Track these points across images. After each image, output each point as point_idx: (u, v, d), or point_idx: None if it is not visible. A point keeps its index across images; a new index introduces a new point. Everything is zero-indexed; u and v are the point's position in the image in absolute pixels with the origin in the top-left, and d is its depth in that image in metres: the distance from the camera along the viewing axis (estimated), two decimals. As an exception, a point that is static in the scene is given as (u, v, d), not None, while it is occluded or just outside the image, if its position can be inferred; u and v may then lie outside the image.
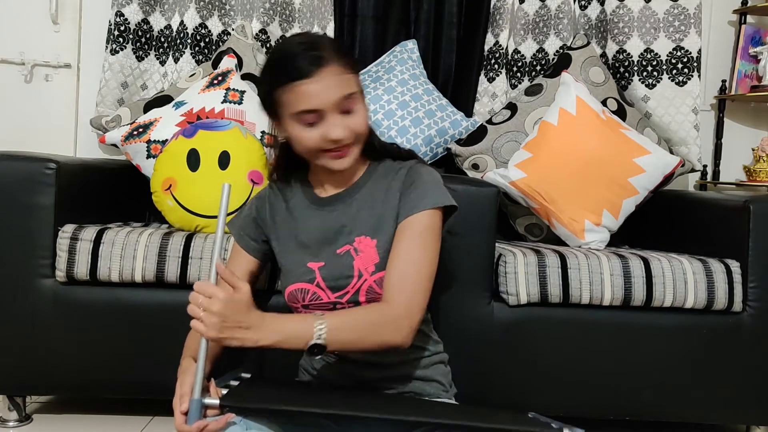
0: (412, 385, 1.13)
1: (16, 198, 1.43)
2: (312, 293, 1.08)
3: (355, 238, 1.09)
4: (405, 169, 1.12)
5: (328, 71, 1.00)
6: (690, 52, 2.11)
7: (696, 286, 1.48)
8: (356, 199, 1.12)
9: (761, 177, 2.25)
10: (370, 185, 1.13)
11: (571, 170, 1.75)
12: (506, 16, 2.15)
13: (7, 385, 1.48)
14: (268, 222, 1.17)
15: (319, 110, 1.01)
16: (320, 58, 1.00)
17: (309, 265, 1.09)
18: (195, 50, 2.11)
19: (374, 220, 1.09)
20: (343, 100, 1.01)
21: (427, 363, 1.15)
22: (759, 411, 1.53)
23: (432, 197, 1.07)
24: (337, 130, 1.01)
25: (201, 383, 0.90)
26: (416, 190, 1.07)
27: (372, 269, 1.07)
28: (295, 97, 1.00)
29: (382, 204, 1.10)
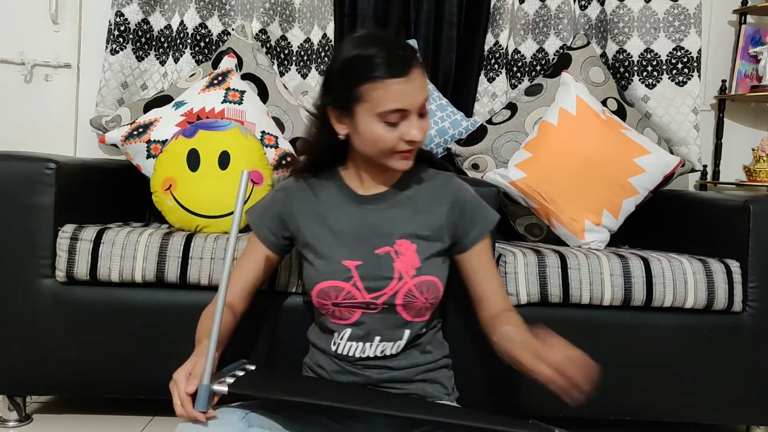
0: (415, 386, 1.13)
1: (16, 198, 1.43)
2: (346, 292, 1.07)
3: (396, 241, 1.09)
4: (452, 188, 1.15)
5: (417, 73, 1.01)
6: (690, 52, 2.11)
7: (696, 286, 1.48)
8: (398, 200, 1.13)
9: (761, 177, 2.25)
10: (413, 189, 1.14)
11: (571, 170, 1.75)
12: (506, 16, 2.15)
13: (7, 385, 1.48)
14: (295, 216, 1.14)
15: (405, 111, 1.01)
16: (412, 59, 1.01)
17: (345, 263, 1.08)
18: (195, 50, 2.11)
19: (416, 226, 1.10)
20: (425, 102, 1.03)
21: (434, 367, 1.16)
22: (759, 411, 1.53)
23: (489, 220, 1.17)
24: (416, 132, 1.02)
25: (210, 369, 0.89)
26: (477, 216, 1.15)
27: (413, 273, 1.08)
28: (385, 94, 0.99)
29: (425, 212, 1.12)
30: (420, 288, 1.08)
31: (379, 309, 1.09)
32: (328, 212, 1.13)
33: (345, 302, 1.08)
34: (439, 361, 1.17)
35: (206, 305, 1.43)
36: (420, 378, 1.14)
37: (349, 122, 1.06)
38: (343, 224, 1.11)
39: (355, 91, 1.01)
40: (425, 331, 1.15)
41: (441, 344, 1.20)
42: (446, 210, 1.12)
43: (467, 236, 1.14)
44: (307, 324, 1.25)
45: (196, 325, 1.44)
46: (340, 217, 1.12)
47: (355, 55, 1.02)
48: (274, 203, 1.17)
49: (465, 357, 1.39)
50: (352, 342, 1.10)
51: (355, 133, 1.06)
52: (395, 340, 1.10)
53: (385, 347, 1.10)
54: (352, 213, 1.12)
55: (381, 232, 1.10)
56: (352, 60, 1.02)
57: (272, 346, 1.44)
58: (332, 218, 1.12)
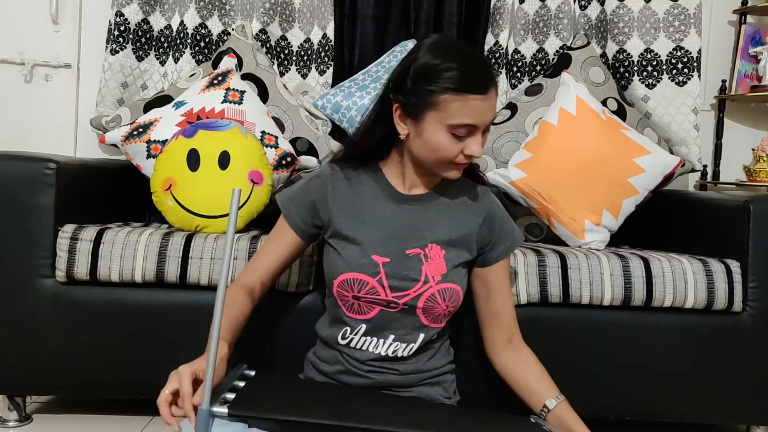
0: (418, 390, 1.13)
1: (16, 198, 1.43)
2: (370, 287, 1.07)
3: (428, 244, 1.10)
4: (485, 201, 1.17)
5: (494, 91, 1.02)
6: (690, 52, 2.11)
7: (696, 286, 1.48)
8: (435, 205, 1.13)
9: (761, 177, 2.25)
10: (449, 196, 1.15)
11: (571, 170, 1.75)
12: (506, 16, 2.15)
13: (7, 385, 1.48)
14: (329, 204, 1.13)
15: (475, 126, 1.02)
16: (492, 78, 1.02)
17: (374, 257, 1.08)
18: (195, 50, 2.11)
19: (449, 233, 1.11)
20: (493, 120, 1.06)
21: (438, 373, 1.16)
22: (759, 411, 1.53)
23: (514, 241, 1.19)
24: (477, 148, 1.03)
25: (210, 389, 0.86)
26: (506, 234, 1.18)
27: (439, 278, 1.08)
28: (462, 108, 1.00)
29: (458, 221, 1.13)
30: (443, 294, 1.09)
31: (399, 309, 1.09)
32: (364, 205, 1.12)
33: (366, 297, 1.08)
34: (443, 368, 1.18)
35: (206, 305, 1.43)
36: (424, 382, 1.14)
37: (413, 124, 1.05)
38: (378, 219, 1.11)
39: (431, 98, 1.01)
40: (436, 338, 1.15)
41: (447, 351, 1.21)
42: (479, 222, 1.14)
43: (493, 251, 1.16)
44: (307, 323, 1.25)
45: (195, 325, 1.45)
46: (376, 211, 1.12)
47: (438, 63, 1.01)
48: (308, 190, 1.16)
49: (466, 358, 1.39)
50: (366, 337, 1.10)
51: (416, 136, 1.05)
52: (409, 343, 1.11)
53: (397, 348, 1.10)
54: (389, 210, 1.12)
55: (415, 233, 1.10)
56: (435, 67, 1.01)
57: (273, 345, 1.44)
58: (367, 211, 1.12)
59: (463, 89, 0.99)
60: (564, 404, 1.13)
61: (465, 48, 1.04)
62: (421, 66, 1.02)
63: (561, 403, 1.13)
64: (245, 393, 0.95)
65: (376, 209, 1.12)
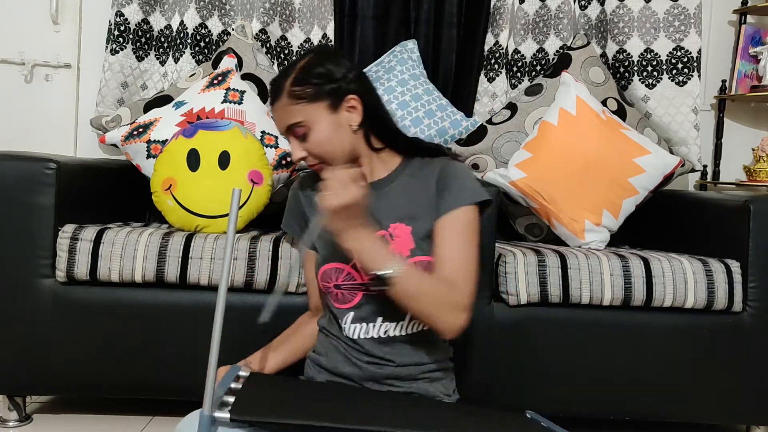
0: (417, 385, 1.14)
1: (16, 198, 1.43)
2: (346, 273, 1.11)
3: (390, 224, 1.12)
4: (440, 165, 1.15)
5: (279, 104, 1.11)
6: (690, 52, 2.11)
7: (696, 286, 1.48)
8: (392, 187, 1.16)
9: (761, 177, 2.25)
10: (406, 177, 1.16)
11: (571, 170, 1.75)
12: (506, 16, 2.15)
13: (7, 385, 1.48)
14: (305, 211, 1.21)
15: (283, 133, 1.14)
16: (275, 92, 1.12)
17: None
18: (195, 50, 2.11)
19: (409, 209, 1.13)
20: (290, 128, 1.11)
21: (437, 367, 1.17)
22: (759, 411, 1.53)
23: (471, 193, 1.11)
24: (295, 153, 1.12)
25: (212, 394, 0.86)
26: (455, 186, 1.11)
27: (407, 254, 1.10)
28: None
29: (418, 194, 1.14)
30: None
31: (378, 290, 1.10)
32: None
33: (345, 284, 1.11)
34: (442, 362, 1.18)
35: (206, 305, 1.44)
36: (423, 377, 1.14)
37: None
38: None
39: None
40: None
41: (446, 347, 1.22)
42: (433, 185, 1.13)
43: (441, 201, 1.11)
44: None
45: (195, 325, 1.45)
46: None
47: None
48: (291, 206, 1.25)
49: (467, 359, 1.39)
50: (355, 324, 1.12)
51: None
52: (397, 320, 1.12)
53: (388, 328, 1.12)
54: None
55: (376, 217, 1.13)
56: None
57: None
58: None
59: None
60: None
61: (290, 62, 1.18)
62: None
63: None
64: (245, 395, 0.94)
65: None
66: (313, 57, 1.14)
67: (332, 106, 1.10)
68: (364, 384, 1.14)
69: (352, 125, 1.12)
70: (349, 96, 1.11)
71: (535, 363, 1.49)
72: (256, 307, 1.44)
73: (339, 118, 1.11)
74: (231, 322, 1.42)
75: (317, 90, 1.09)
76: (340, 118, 1.11)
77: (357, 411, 0.97)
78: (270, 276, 1.42)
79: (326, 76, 1.10)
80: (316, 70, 1.11)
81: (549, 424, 1.08)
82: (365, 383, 1.13)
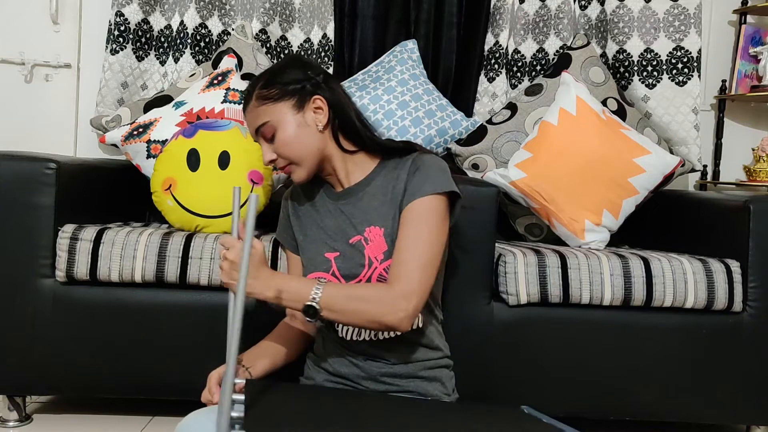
0: (416, 384, 1.14)
1: (16, 198, 1.43)
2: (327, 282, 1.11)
3: (366, 228, 1.13)
4: (411, 159, 1.15)
5: (248, 108, 1.14)
6: (690, 52, 2.11)
7: (696, 286, 1.48)
8: (367, 192, 1.16)
9: (761, 177, 2.25)
10: (381, 178, 1.16)
11: (571, 170, 1.75)
12: (506, 16, 2.15)
13: (7, 385, 1.48)
14: (293, 219, 1.23)
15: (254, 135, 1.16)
16: (246, 97, 1.15)
17: (326, 255, 1.14)
18: (195, 50, 2.11)
19: (384, 210, 1.13)
20: (257, 130, 1.13)
21: (434, 365, 1.17)
22: (759, 411, 1.53)
23: (434, 183, 1.08)
24: (265, 155, 1.14)
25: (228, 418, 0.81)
26: (419, 176, 1.10)
27: (381, 257, 1.10)
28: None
29: (390, 195, 1.14)
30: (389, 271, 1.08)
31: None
32: (311, 210, 1.21)
33: None
34: (439, 360, 1.18)
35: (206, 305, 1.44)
36: (421, 375, 1.14)
37: None
38: (323, 220, 1.18)
39: None
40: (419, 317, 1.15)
41: (442, 343, 1.21)
42: (403, 180, 1.12)
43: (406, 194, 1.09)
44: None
45: (195, 325, 1.45)
46: (321, 214, 1.19)
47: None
48: (283, 213, 1.26)
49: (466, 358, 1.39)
50: (346, 326, 1.14)
51: None
52: None
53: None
54: (329, 209, 1.19)
55: (353, 222, 1.14)
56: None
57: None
58: (315, 215, 1.20)
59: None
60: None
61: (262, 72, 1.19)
62: None
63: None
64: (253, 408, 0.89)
65: (325, 212, 1.19)
66: (282, 62, 1.18)
67: (297, 107, 1.12)
68: (363, 383, 1.14)
69: (318, 125, 1.13)
70: (314, 97, 1.13)
71: (535, 363, 1.49)
72: (255, 307, 1.44)
73: (305, 118, 1.13)
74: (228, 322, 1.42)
75: (282, 90, 1.12)
76: (306, 118, 1.13)
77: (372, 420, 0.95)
78: (270, 276, 1.42)
79: (292, 77, 1.13)
80: (283, 73, 1.14)
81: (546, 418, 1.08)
82: (364, 382, 1.13)
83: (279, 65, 1.17)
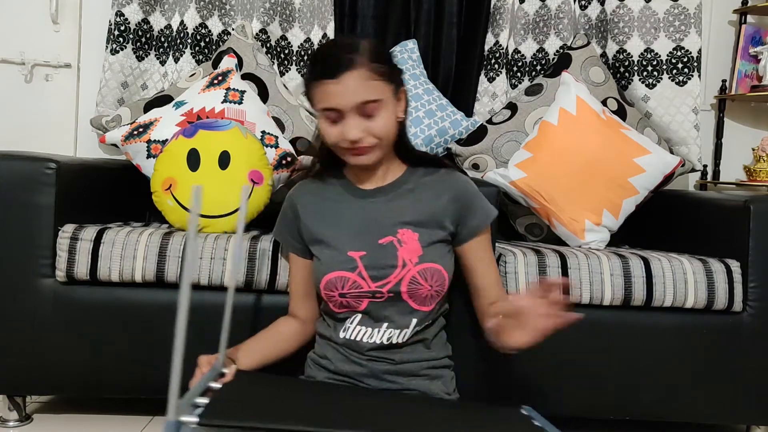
0: (417, 382, 1.14)
1: (16, 198, 1.43)
2: (352, 282, 1.11)
3: (399, 230, 1.12)
4: (449, 179, 1.18)
5: (353, 75, 1.04)
6: (690, 51, 2.11)
7: (696, 286, 1.48)
8: (399, 193, 1.17)
9: (761, 177, 2.25)
10: (414, 182, 1.18)
11: (571, 170, 1.75)
12: (506, 16, 2.15)
13: (7, 385, 1.48)
14: (302, 218, 1.20)
15: (338, 110, 1.06)
16: (349, 61, 1.04)
17: (350, 253, 1.12)
18: (195, 50, 2.11)
19: (417, 215, 1.14)
20: (363, 104, 1.05)
21: (437, 364, 1.17)
22: (759, 411, 1.53)
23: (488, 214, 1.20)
24: (354, 132, 1.06)
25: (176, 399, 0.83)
26: (478, 209, 1.19)
27: (416, 260, 1.11)
28: (321, 94, 1.07)
29: (424, 203, 1.15)
30: (424, 275, 1.10)
31: (386, 297, 1.11)
32: (331, 208, 1.18)
33: (351, 292, 1.11)
34: (442, 360, 1.19)
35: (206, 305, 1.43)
36: (423, 373, 1.15)
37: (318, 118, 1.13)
38: (346, 218, 1.16)
39: (309, 89, 1.11)
40: (431, 322, 1.17)
41: (444, 345, 1.22)
42: (447, 200, 1.16)
43: (466, 227, 1.17)
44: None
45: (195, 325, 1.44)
46: (344, 211, 1.17)
47: (311, 56, 1.11)
48: (286, 213, 1.24)
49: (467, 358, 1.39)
50: (360, 327, 1.13)
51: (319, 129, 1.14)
52: (402, 328, 1.13)
53: (392, 334, 1.12)
54: (355, 207, 1.16)
55: (383, 223, 1.14)
56: (309, 60, 1.14)
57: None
58: (337, 213, 1.17)
59: (315, 77, 1.07)
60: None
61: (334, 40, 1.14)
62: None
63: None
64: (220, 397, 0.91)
65: (342, 209, 1.17)
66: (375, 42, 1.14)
67: (395, 91, 1.11)
68: (365, 380, 1.14)
69: (398, 117, 1.13)
70: (403, 87, 1.14)
71: (535, 363, 1.49)
72: (255, 306, 1.44)
73: (397, 106, 1.12)
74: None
75: (392, 72, 1.10)
76: (397, 106, 1.12)
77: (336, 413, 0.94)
78: (270, 275, 1.42)
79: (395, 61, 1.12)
80: (390, 54, 1.13)
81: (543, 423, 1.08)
82: (366, 380, 1.14)
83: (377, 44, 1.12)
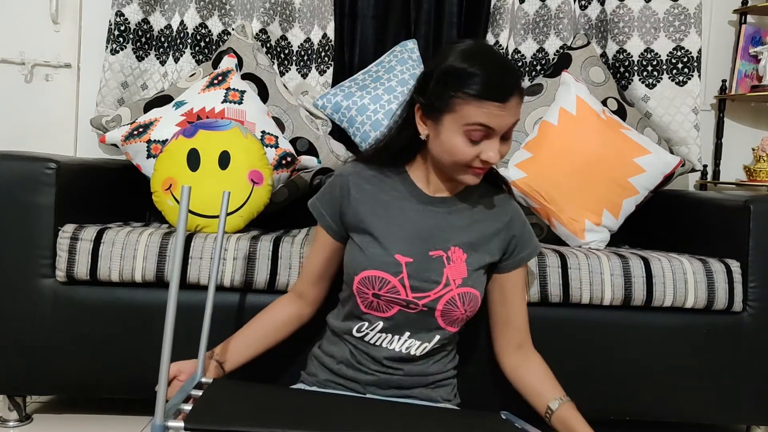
0: (419, 390, 1.14)
1: (16, 198, 1.43)
2: (391, 286, 1.08)
3: (450, 247, 1.10)
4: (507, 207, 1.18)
5: (517, 100, 1.02)
6: (690, 51, 2.11)
7: (696, 286, 1.48)
8: (458, 209, 1.14)
9: (761, 177, 2.25)
10: (472, 201, 1.16)
11: (571, 170, 1.75)
12: (506, 16, 2.15)
13: (7, 385, 1.48)
14: (351, 201, 1.14)
15: (491, 129, 1.01)
16: (513, 89, 1.01)
17: (397, 256, 1.08)
18: (195, 50, 2.11)
19: (471, 237, 1.12)
20: (513, 126, 1.04)
21: (442, 378, 1.17)
22: (759, 411, 1.53)
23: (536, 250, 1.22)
24: (493, 154, 1.02)
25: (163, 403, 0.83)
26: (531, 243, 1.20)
27: (459, 282, 1.09)
28: (478, 112, 1.00)
29: (480, 226, 1.14)
30: (463, 298, 1.09)
31: (418, 311, 1.09)
32: (388, 203, 1.12)
33: (386, 295, 1.08)
34: (447, 372, 1.18)
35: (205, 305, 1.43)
36: (425, 384, 1.15)
37: (433, 125, 1.06)
38: (403, 218, 1.11)
39: (451, 101, 1.01)
40: (448, 342, 1.17)
41: (453, 357, 1.22)
42: (500, 228, 1.15)
43: (513, 258, 1.17)
44: (308, 323, 1.25)
45: (195, 325, 1.45)
46: (400, 210, 1.12)
47: (462, 68, 1.01)
48: (332, 189, 1.16)
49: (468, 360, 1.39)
50: (382, 333, 1.11)
51: (435, 137, 1.06)
52: (423, 342, 1.12)
53: (411, 345, 1.11)
54: (414, 210, 1.12)
55: (438, 235, 1.11)
56: (458, 71, 1.01)
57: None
58: (392, 210, 1.12)
59: (481, 96, 0.99)
60: (568, 405, 1.13)
61: (494, 55, 1.03)
62: (446, 69, 1.02)
63: (565, 404, 1.13)
64: (203, 404, 0.91)
65: (400, 208, 1.12)
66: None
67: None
68: (367, 389, 1.13)
69: None
70: None
71: (535, 363, 1.49)
72: (255, 307, 1.44)
73: None
74: (229, 321, 1.42)
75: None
76: None
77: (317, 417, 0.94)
78: (270, 276, 1.42)
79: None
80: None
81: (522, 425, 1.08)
82: (368, 388, 1.13)
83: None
